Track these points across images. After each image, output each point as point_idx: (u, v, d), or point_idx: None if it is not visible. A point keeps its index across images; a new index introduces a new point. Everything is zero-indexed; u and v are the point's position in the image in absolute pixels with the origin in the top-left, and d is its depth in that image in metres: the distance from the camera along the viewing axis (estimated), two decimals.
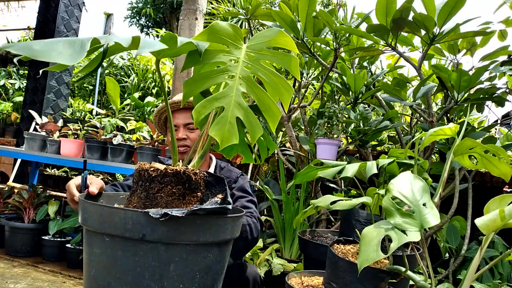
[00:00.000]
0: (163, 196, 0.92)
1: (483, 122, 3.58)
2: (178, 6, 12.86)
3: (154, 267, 0.85)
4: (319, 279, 1.24)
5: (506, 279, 2.26)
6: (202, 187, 0.97)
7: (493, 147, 1.09)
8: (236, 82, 0.91)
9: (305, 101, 3.26)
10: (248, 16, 2.82)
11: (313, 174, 1.47)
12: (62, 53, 0.66)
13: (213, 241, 0.90)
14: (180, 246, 0.86)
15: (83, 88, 6.78)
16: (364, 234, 0.93)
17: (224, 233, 0.92)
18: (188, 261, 0.87)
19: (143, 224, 0.83)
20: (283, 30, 0.94)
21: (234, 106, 0.89)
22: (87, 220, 0.91)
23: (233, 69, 0.92)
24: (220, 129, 0.88)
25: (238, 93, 0.90)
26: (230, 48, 0.94)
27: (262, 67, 0.93)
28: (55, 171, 4.73)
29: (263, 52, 0.94)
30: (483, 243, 0.91)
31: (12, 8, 8.13)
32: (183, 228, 0.85)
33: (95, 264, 0.90)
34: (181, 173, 0.93)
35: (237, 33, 0.94)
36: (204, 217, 0.87)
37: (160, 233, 0.84)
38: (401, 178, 1.01)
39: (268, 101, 0.91)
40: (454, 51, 2.47)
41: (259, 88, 0.92)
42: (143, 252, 0.85)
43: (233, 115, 0.88)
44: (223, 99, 0.90)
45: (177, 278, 0.86)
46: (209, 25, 0.91)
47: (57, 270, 2.92)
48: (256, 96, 0.92)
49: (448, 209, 2.33)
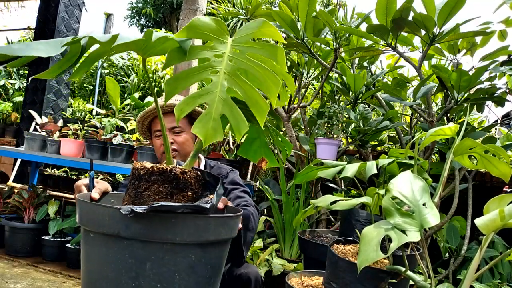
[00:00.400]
0: (150, 195, 0.91)
1: (483, 122, 3.58)
2: (178, 6, 12.87)
3: (131, 264, 0.84)
4: (319, 279, 1.24)
5: (506, 279, 2.26)
6: (194, 187, 0.95)
7: (493, 147, 1.09)
8: (221, 77, 0.88)
9: (305, 101, 3.26)
10: (248, 16, 2.82)
11: (313, 174, 1.47)
12: (38, 49, 0.67)
13: (192, 242, 0.86)
14: (156, 245, 0.84)
15: (83, 88, 6.78)
16: (364, 234, 0.93)
17: (205, 233, 0.88)
18: (165, 260, 0.85)
19: (118, 220, 0.84)
20: (267, 20, 0.91)
21: (219, 102, 0.86)
22: (81, 218, 0.93)
23: (218, 64, 0.89)
24: (203, 127, 0.85)
25: (223, 89, 0.87)
26: (214, 43, 0.92)
27: (248, 60, 0.90)
28: (55, 171, 4.73)
29: (249, 45, 0.91)
30: (483, 243, 0.91)
31: (12, 8, 8.13)
32: (157, 226, 0.83)
33: (85, 261, 0.92)
34: (167, 171, 0.92)
35: (221, 27, 0.91)
36: (180, 216, 0.85)
37: (134, 230, 0.83)
38: (401, 178, 1.01)
39: (255, 96, 0.88)
40: (454, 51, 2.47)
41: (246, 82, 0.89)
42: (120, 249, 0.85)
43: (217, 112, 0.86)
44: (206, 96, 0.87)
45: (154, 277, 0.85)
46: (190, 20, 0.89)
47: (57, 270, 2.92)
48: (242, 91, 0.88)
49: (448, 209, 2.33)
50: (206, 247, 0.91)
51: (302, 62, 2.95)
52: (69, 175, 4.70)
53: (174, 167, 0.94)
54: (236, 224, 0.99)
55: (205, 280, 0.91)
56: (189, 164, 1.01)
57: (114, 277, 0.86)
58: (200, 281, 0.90)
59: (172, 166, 0.94)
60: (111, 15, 8.13)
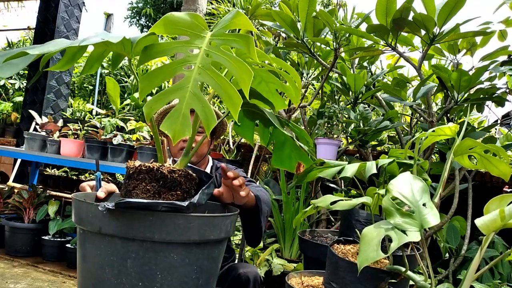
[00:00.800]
0: (139, 193, 0.91)
1: (483, 122, 3.57)
2: (178, 6, 12.86)
3: (113, 261, 0.85)
4: (319, 279, 1.24)
5: (506, 279, 2.26)
6: (184, 186, 0.94)
7: (493, 147, 1.09)
8: (194, 72, 0.85)
9: (305, 101, 3.26)
10: (248, 16, 2.82)
11: (313, 174, 1.47)
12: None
13: (172, 240, 0.85)
14: (135, 242, 0.84)
15: (83, 88, 6.78)
16: (364, 234, 0.93)
17: (186, 233, 0.86)
18: (145, 258, 0.84)
19: (99, 217, 0.85)
20: (240, 11, 0.89)
21: (190, 97, 0.83)
22: (73, 216, 0.95)
23: (193, 59, 0.87)
24: (172, 123, 0.82)
25: (195, 84, 0.85)
26: (191, 38, 0.89)
27: (223, 53, 0.88)
28: (55, 171, 4.73)
29: (223, 37, 0.89)
30: (483, 243, 0.91)
31: (12, 8, 8.13)
32: (135, 224, 0.83)
33: (78, 258, 0.94)
34: (154, 170, 0.92)
35: (198, 22, 0.89)
36: (157, 214, 0.84)
37: (114, 227, 0.84)
38: (401, 178, 1.01)
39: (229, 89, 0.85)
40: (454, 51, 2.47)
41: (220, 76, 0.86)
42: (103, 245, 0.86)
43: (187, 108, 0.83)
44: (178, 92, 0.84)
45: (135, 275, 0.84)
46: (163, 16, 0.87)
47: (57, 270, 2.92)
48: (217, 85, 0.86)
49: (448, 209, 2.33)
50: (190, 247, 0.88)
51: (302, 62, 2.95)
52: (69, 175, 4.70)
53: (161, 166, 0.93)
54: (226, 224, 0.95)
55: (192, 281, 0.89)
56: (181, 163, 1.00)
57: (99, 274, 0.87)
58: (186, 281, 0.88)
59: (159, 165, 0.94)
60: (111, 15, 8.13)
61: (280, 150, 1.19)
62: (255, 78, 1.10)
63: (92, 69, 1.02)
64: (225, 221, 0.95)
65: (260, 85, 1.11)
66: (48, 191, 3.43)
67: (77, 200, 0.92)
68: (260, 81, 1.10)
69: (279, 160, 1.20)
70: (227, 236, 0.97)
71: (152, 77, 0.87)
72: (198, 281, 0.91)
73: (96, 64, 1.01)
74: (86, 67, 1.02)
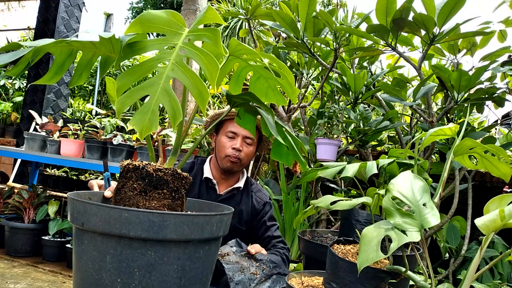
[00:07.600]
0: (127, 191, 0.93)
1: (483, 122, 3.57)
2: (178, 6, 12.86)
3: (94, 256, 0.88)
4: (319, 279, 1.24)
5: (506, 279, 2.26)
6: (171, 185, 0.94)
7: (493, 147, 1.09)
8: (167, 68, 0.86)
9: (305, 101, 3.26)
10: (248, 16, 2.82)
11: (313, 174, 1.47)
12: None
13: (148, 238, 0.84)
14: (113, 238, 0.85)
15: (83, 88, 6.78)
16: (364, 234, 0.93)
17: (163, 231, 0.84)
18: (123, 255, 0.85)
19: (82, 212, 0.88)
20: (210, 6, 0.91)
21: (160, 93, 0.84)
22: (69, 214, 0.98)
23: (168, 55, 0.88)
24: (141, 119, 0.83)
25: (167, 80, 0.86)
26: (168, 35, 0.91)
27: (195, 48, 0.89)
28: (55, 171, 4.73)
29: (196, 32, 0.91)
30: (483, 243, 0.91)
31: (12, 8, 8.13)
32: (111, 220, 0.84)
33: (73, 255, 0.97)
34: (140, 168, 0.93)
35: (175, 19, 0.90)
36: (131, 211, 0.84)
37: (93, 223, 0.86)
38: (401, 178, 1.01)
39: (199, 85, 0.87)
40: (454, 51, 2.47)
41: (192, 72, 0.87)
42: (86, 241, 0.89)
43: (156, 104, 0.84)
44: (149, 88, 0.85)
45: (114, 272, 0.86)
46: (139, 15, 0.88)
47: (57, 270, 2.92)
48: (188, 81, 0.87)
49: (448, 209, 2.33)
50: (169, 246, 0.87)
51: (302, 62, 2.95)
52: (69, 175, 4.70)
53: (147, 164, 0.94)
54: (211, 224, 0.92)
55: (172, 280, 0.88)
56: (169, 162, 1.01)
57: (83, 269, 0.90)
58: (165, 280, 0.87)
59: (145, 163, 0.95)
60: (111, 15, 8.13)
61: (279, 146, 1.22)
62: (254, 74, 1.13)
63: (81, 79, 1.03)
64: (209, 221, 0.91)
65: (258, 81, 1.14)
66: (48, 191, 3.43)
67: (70, 198, 0.93)
68: (259, 77, 1.13)
69: (277, 154, 1.24)
70: (213, 236, 0.93)
71: (129, 75, 0.88)
72: (180, 281, 0.89)
73: (85, 73, 1.02)
74: (75, 77, 1.03)
